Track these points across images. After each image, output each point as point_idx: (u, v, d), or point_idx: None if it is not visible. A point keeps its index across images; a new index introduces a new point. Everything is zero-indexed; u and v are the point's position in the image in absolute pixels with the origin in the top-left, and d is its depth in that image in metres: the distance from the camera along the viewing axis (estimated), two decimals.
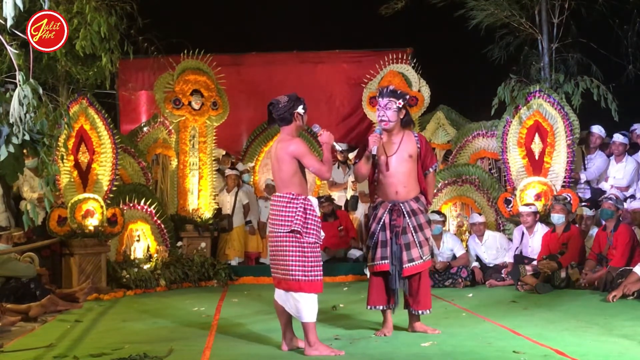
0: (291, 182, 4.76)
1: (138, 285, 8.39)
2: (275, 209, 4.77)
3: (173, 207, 9.79)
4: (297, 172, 4.76)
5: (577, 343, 4.78)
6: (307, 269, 4.68)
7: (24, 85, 4.15)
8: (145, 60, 9.66)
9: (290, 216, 4.68)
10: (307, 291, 4.69)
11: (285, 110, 4.79)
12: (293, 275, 4.68)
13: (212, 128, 10.06)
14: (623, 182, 8.69)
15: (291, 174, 4.75)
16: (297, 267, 4.67)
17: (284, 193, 4.77)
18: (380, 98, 5.37)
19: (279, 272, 4.77)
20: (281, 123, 4.84)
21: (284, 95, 4.87)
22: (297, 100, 4.85)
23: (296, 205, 4.70)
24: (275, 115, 4.82)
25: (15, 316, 6.15)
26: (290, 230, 4.68)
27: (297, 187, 4.76)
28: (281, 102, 4.80)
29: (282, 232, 4.71)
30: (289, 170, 4.75)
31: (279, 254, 4.75)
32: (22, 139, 4.13)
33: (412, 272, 5.29)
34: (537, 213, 8.26)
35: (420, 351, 4.74)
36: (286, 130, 4.85)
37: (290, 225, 4.68)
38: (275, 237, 4.76)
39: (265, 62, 11.40)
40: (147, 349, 4.88)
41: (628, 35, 9.44)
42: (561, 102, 8.65)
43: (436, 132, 10.40)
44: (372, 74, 10.33)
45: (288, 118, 4.81)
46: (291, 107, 4.81)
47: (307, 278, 4.68)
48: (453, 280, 8.23)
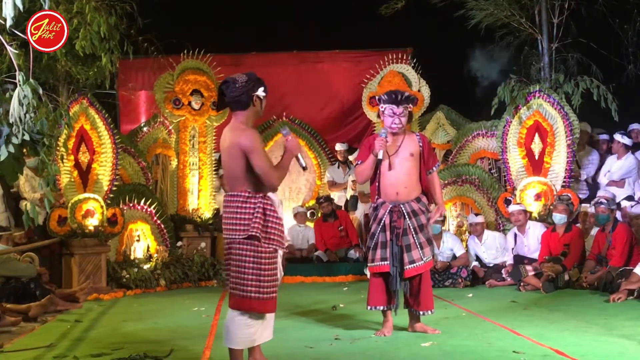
0: (246, 178, 3.97)
1: (138, 285, 8.39)
2: (228, 210, 4.01)
3: (173, 207, 9.79)
4: (251, 167, 3.97)
5: (577, 343, 4.79)
6: (262, 284, 3.93)
7: (24, 85, 4.15)
8: (145, 60, 9.67)
9: (247, 219, 3.93)
10: (258, 311, 3.96)
11: (243, 92, 3.98)
12: (243, 290, 3.93)
13: (212, 128, 10.07)
14: (616, 176, 8.70)
15: (244, 170, 3.96)
16: (250, 281, 3.92)
17: (237, 191, 3.99)
18: (394, 105, 5.25)
19: (231, 285, 4.02)
20: (235, 107, 4.02)
21: (241, 73, 4.06)
22: (258, 81, 4.06)
23: (253, 205, 3.95)
24: (229, 96, 4.00)
25: (15, 316, 6.15)
26: (246, 236, 3.93)
27: (252, 184, 3.98)
28: (238, 81, 3.98)
29: (237, 237, 3.95)
30: (241, 165, 3.96)
31: (233, 264, 3.99)
32: (22, 139, 4.12)
33: (413, 273, 5.29)
34: (526, 211, 8.32)
35: (420, 351, 4.74)
36: (240, 117, 4.03)
37: (247, 230, 3.92)
38: (229, 243, 4.02)
39: (265, 62, 11.39)
40: (147, 349, 4.89)
41: (628, 35, 9.43)
42: (561, 102, 8.65)
43: (436, 132, 10.41)
44: (372, 74, 10.34)
45: (245, 101, 3.99)
46: (250, 88, 4.00)
47: (260, 296, 3.92)
48: (453, 280, 8.23)
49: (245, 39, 11.36)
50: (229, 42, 11.15)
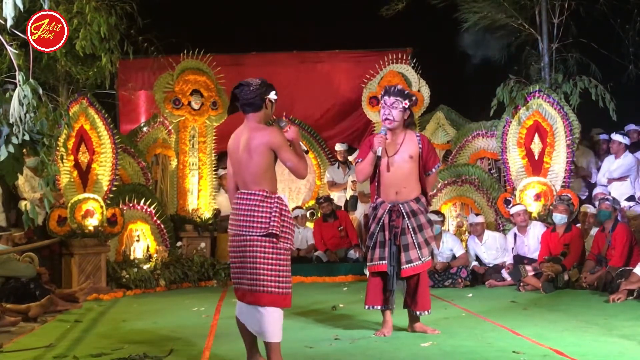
0: (264, 178, 4.14)
1: (138, 285, 8.39)
2: (244, 207, 4.12)
3: (173, 207, 9.79)
4: (270, 166, 4.16)
5: (577, 343, 4.79)
6: (280, 279, 4.08)
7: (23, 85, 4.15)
8: (145, 60, 9.66)
9: (266, 217, 4.07)
10: (279, 305, 4.09)
11: (257, 95, 4.17)
12: (264, 286, 4.05)
13: (211, 128, 10.07)
14: (615, 174, 8.71)
15: (265, 168, 4.13)
16: (270, 277, 4.06)
17: (255, 190, 4.13)
18: (386, 96, 5.31)
19: (246, 283, 4.12)
20: (249, 109, 4.21)
21: (254, 78, 4.29)
22: (269, 86, 4.27)
23: (271, 204, 4.11)
24: (244, 99, 4.19)
25: (15, 316, 6.15)
26: (266, 233, 4.07)
27: (269, 184, 4.16)
28: (252, 85, 4.19)
29: (255, 235, 4.07)
30: (263, 164, 4.12)
31: (248, 261, 4.10)
32: (22, 139, 4.13)
33: (410, 273, 5.28)
34: (527, 211, 8.33)
35: (420, 351, 4.74)
36: (254, 118, 4.21)
37: (267, 227, 4.06)
38: (244, 241, 4.12)
39: (265, 62, 11.39)
40: (146, 349, 4.89)
41: (629, 35, 9.43)
42: (560, 102, 8.65)
43: (436, 132, 10.41)
44: (372, 74, 10.34)
45: (258, 104, 4.19)
46: (263, 91, 4.20)
47: (281, 290, 4.08)
48: (453, 281, 8.23)
49: (245, 39, 11.36)
50: (229, 42, 11.15)
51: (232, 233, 4.21)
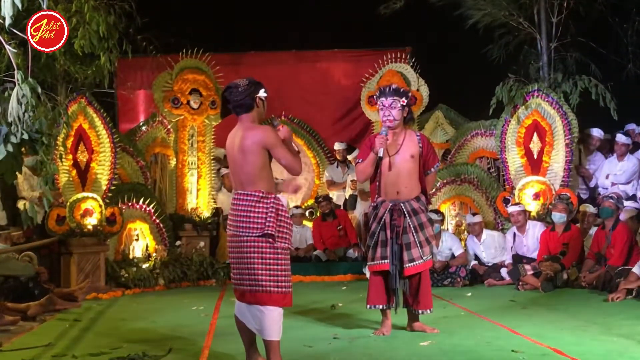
0: (259, 178, 4.14)
1: (137, 284, 8.39)
2: (241, 208, 4.14)
3: (172, 206, 9.78)
4: (266, 165, 4.16)
5: (576, 342, 4.79)
6: (279, 278, 4.11)
7: (22, 84, 4.15)
8: (144, 59, 9.65)
9: (261, 217, 4.09)
10: (278, 304, 4.11)
11: (247, 95, 4.18)
12: (263, 285, 4.08)
13: (210, 127, 10.06)
14: (622, 179, 8.71)
15: (260, 168, 4.13)
16: (268, 276, 4.08)
17: (250, 190, 4.14)
18: (383, 98, 5.32)
19: (245, 283, 4.15)
20: (240, 110, 4.21)
21: (242, 79, 4.29)
22: (258, 84, 4.26)
23: (267, 204, 4.11)
24: (234, 101, 4.19)
25: (14, 315, 6.15)
26: (262, 234, 4.09)
27: (265, 183, 4.16)
28: (241, 86, 4.19)
29: (252, 235, 4.09)
30: (258, 163, 4.12)
31: (245, 261, 4.13)
32: (20, 138, 4.13)
33: (412, 272, 5.29)
34: (526, 212, 8.33)
35: (419, 350, 4.74)
36: (247, 118, 4.21)
37: (263, 227, 4.08)
38: (241, 242, 4.14)
39: (264, 61, 11.38)
40: (145, 348, 4.90)
41: (628, 34, 9.43)
42: (560, 101, 8.65)
43: (435, 131, 10.40)
44: (371, 73, 10.32)
45: (249, 103, 4.19)
46: (252, 90, 4.20)
47: (280, 289, 4.10)
48: (452, 280, 8.23)
49: (244, 38, 11.37)
50: (228, 41, 11.15)
51: (229, 233, 4.23)
